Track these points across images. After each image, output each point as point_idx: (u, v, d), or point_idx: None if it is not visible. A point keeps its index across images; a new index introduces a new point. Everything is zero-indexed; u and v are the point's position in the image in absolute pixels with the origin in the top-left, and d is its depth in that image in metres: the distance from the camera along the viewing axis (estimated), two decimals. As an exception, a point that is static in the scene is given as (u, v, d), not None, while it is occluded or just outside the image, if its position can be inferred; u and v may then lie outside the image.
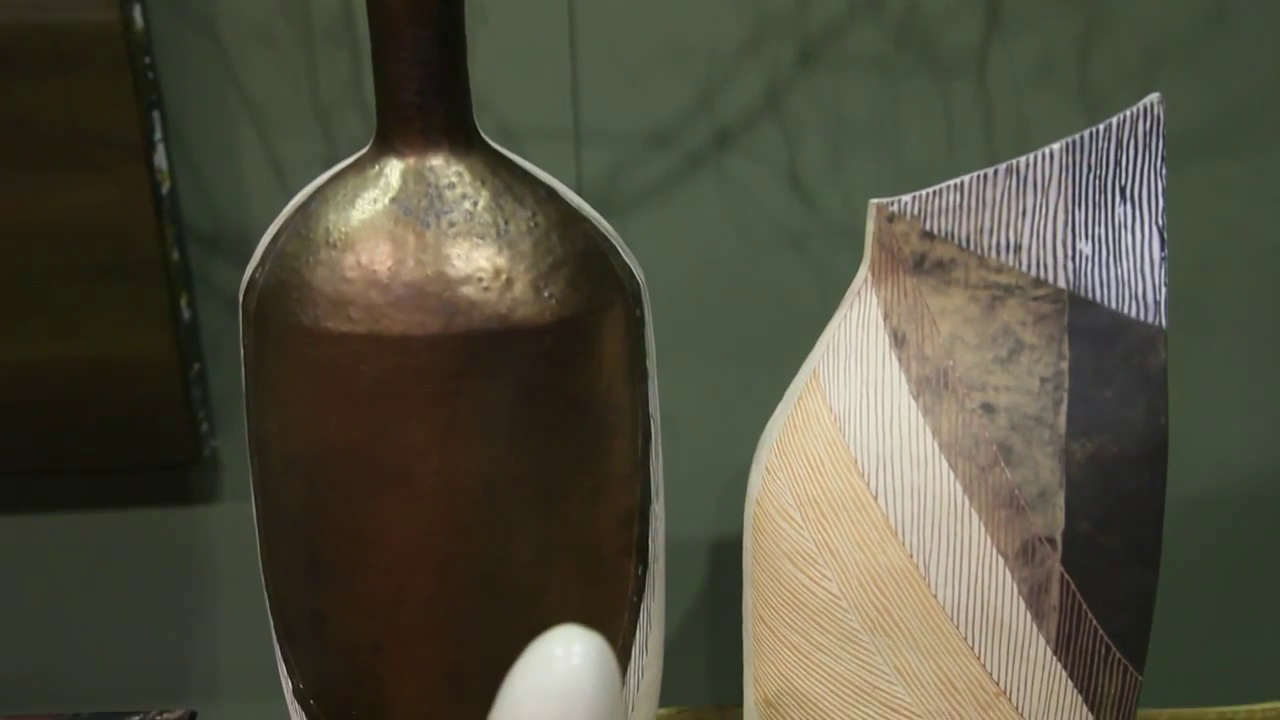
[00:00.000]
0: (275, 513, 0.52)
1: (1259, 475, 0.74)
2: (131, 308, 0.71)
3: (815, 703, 0.51)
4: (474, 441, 0.47)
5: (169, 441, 0.74)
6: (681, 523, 0.75)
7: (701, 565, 0.77)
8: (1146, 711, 0.69)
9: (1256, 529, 0.75)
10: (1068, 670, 0.48)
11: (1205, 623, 0.77)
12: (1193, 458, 0.74)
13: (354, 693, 0.52)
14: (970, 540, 0.47)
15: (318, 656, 0.53)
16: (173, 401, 0.73)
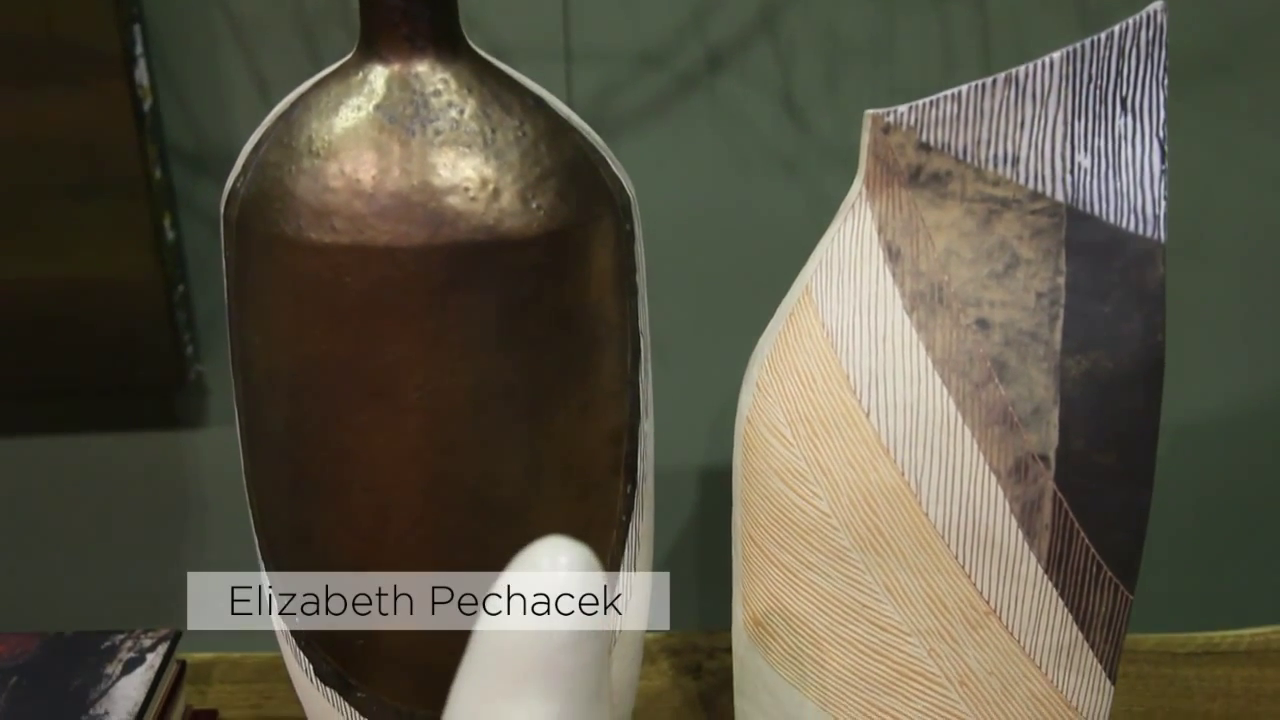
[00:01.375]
0: (259, 430, 0.51)
1: (1251, 402, 0.74)
2: (113, 227, 0.70)
3: (804, 622, 0.50)
4: (460, 355, 0.47)
5: (153, 364, 0.74)
6: (672, 449, 0.74)
7: (692, 492, 0.77)
8: (1133, 636, 0.69)
9: (1246, 456, 0.75)
10: (1058, 589, 0.48)
11: (1193, 550, 0.77)
12: (1186, 384, 0.73)
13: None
14: (962, 458, 0.46)
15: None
16: (157, 323, 0.72)
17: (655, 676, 0.68)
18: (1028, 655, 0.49)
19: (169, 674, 0.57)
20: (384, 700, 0.53)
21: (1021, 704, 0.50)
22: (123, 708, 0.54)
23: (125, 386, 0.75)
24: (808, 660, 0.51)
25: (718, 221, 0.72)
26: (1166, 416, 0.47)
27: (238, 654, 0.70)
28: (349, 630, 0.52)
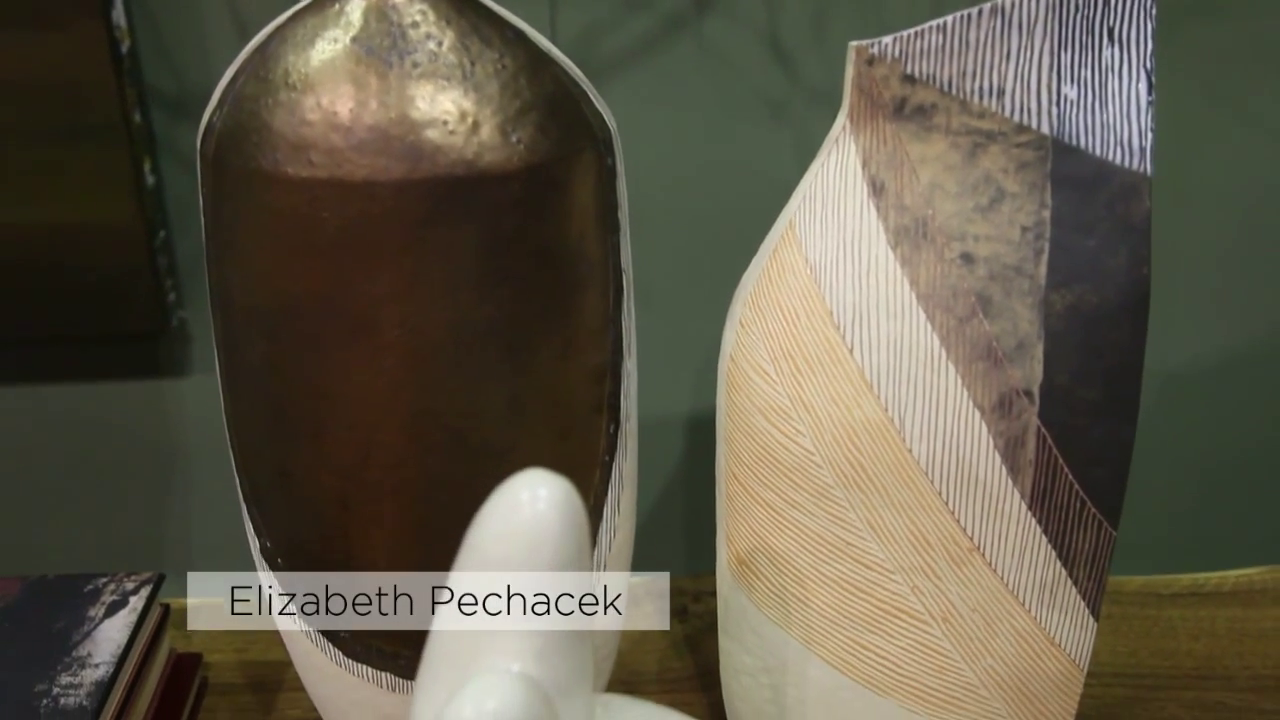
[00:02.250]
0: (239, 368, 0.50)
1: (1235, 345, 0.74)
2: (93, 172, 0.69)
3: (788, 560, 0.50)
4: (441, 292, 0.46)
5: (135, 311, 0.73)
6: (657, 394, 0.74)
7: (678, 437, 0.77)
8: (1118, 579, 0.69)
9: (1230, 400, 0.75)
10: (1042, 525, 0.48)
11: (1178, 493, 0.77)
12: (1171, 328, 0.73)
13: (321, 550, 0.52)
14: (946, 393, 0.46)
15: (284, 515, 0.52)
16: (138, 269, 0.72)
17: (640, 619, 0.68)
18: (1011, 592, 0.49)
19: (152, 617, 0.57)
20: (367, 640, 0.53)
21: (1005, 641, 0.50)
22: (105, 650, 0.53)
23: (107, 334, 0.75)
24: (791, 598, 0.51)
25: (703, 165, 0.72)
26: (1151, 361, 0.47)
27: (222, 599, 0.70)
28: (330, 570, 0.52)
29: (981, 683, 0.51)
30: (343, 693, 0.55)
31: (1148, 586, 0.69)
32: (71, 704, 0.50)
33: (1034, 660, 0.51)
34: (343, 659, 0.54)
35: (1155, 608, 0.67)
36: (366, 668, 0.54)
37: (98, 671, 0.52)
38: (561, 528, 0.36)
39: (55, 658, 0.53)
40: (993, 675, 0.51)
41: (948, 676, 0.51)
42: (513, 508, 0.37)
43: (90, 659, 0.53)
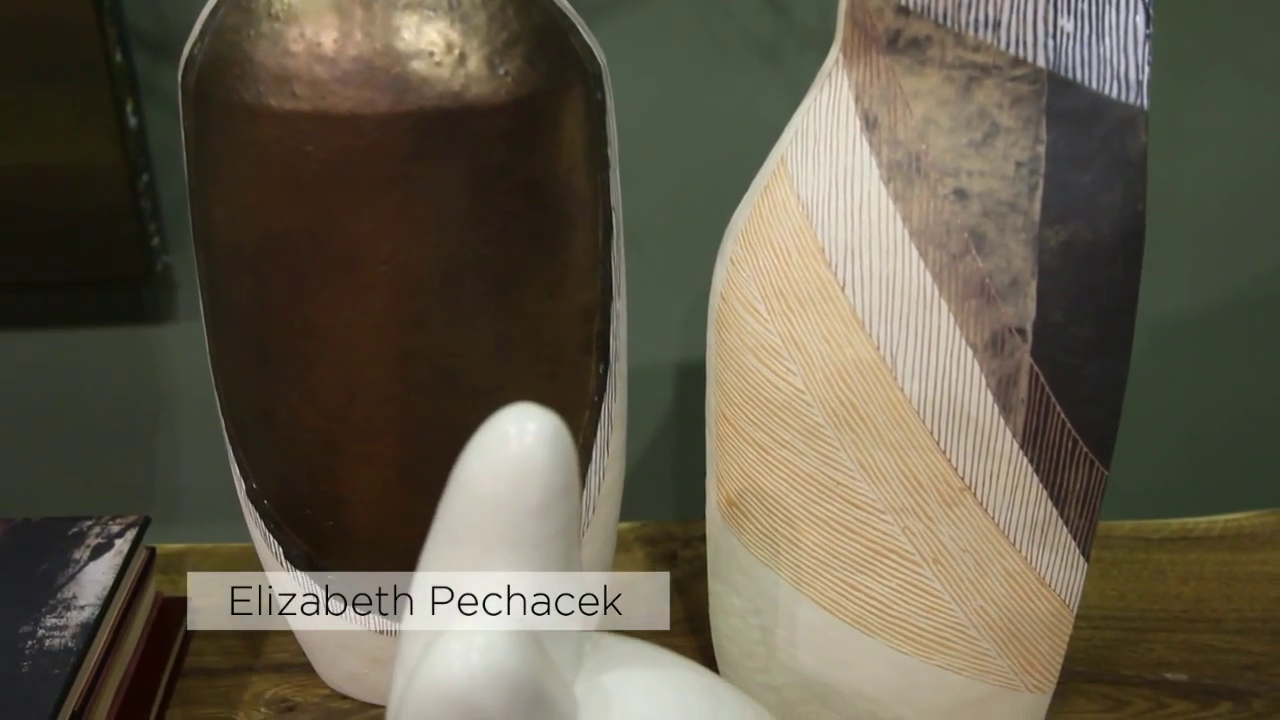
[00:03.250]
0: (223, 307, 0.50)
1: (1227, 293, 0.74)
2: (73, 113, 0.68)
3: (778, 500, 0.50)
4: (427, 228, 0.45)
5: (119, 255, 0.72)
6: (648, 341, 0.73)
7: (667, 383, 0.76)
8: (1107, 523, 0.69)
9: (1221, 348, 0.75)
10: (1034, 464, 0.47)
11: (1168, 439, 0.77)
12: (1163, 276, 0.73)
13: (308, 491, 0.51)
14: (939, 331, 0.46)
15: (270, 456, 0.52)
16: (121, 213, 0.71)
17: (630, 565, 0.68)
18: (1002, 532, 0.49)
19: (138, 560, 0.57)
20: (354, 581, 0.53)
21: (995, 581, 0.50)
22: (91, 592, 0.53)
23: (90, 279, 0.74)
24: (781, 539, 0.51)
25: (693, 108, 0.71)
26: (1142, 308, 0.47)
27: (209, 544, 0.70)
28: (317, 512, 0.51)
29: (971, 623, 0.51)
30: (330, 635, 0.55)
31: (1137, 531, 0.69)
32: (57, 645, 0.50)
33: (1024, 600, 0.50)
34: (330, 601, 0.53)
35: (1144, 552, 0.67)
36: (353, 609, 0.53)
37: (83, 613, 0.52)
38: (549, 463, 0.36)
39: (40, 600, 0.53)
40: (983, 615, 0.51)
41: (937, 617, 0.51)
42: (500, 442, 0.36)
43: (75, 601, 0.53)
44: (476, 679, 0.34)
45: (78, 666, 0.49)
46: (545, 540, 0.36)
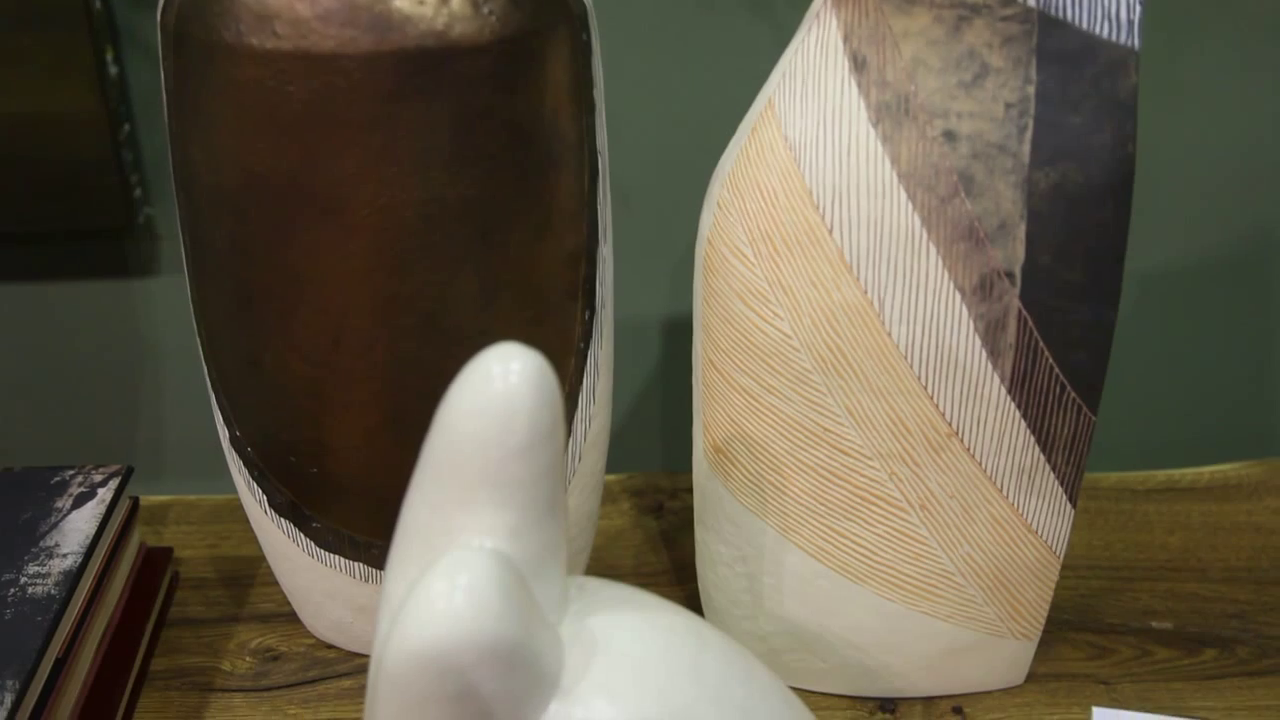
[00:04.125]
0: (204, 252, 0.49)
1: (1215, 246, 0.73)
2: (51, 60, 0.67)
3: (764, 447, 0.50)
4: (411, 170, 0.45)
5: (99, 206, 0.71)
6: (634, 293, 0.73)
7: (654, 337, 0.76)
8: (1094, 475, 0.69)
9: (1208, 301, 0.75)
10: (1021, 410, 0.47)
11: (1155, 391, 0.77)
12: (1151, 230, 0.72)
13: (292, 438, 0.51)
14: (927, 275, 0.45)
15: (254, 402, 0.51)
16: (102, 163, 0.70)
17: (616, 516, 0.68)
18: (989, 478, 0.49)
19: (121, 509, 0.56)
20: (340, 530, 0.52)
21: (982, 527, 0.50)
22: (74, 540, 0.53)
23: (70, 230, 0.73)
24: (768, 486, 0.50)
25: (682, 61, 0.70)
26: (1129, 261, 0.46)
27: (193, 496, 0.70)
28: (301, 459, 0.51)
29: (958, 570, 0.51)
30: (315, 583, 0.55)
31: (1123, 482, 0.69)
32: (40, 593, 0.50)
33: (1011, 547, 0.50)
34: (315, 549, 0.53)
35: (1131, 502, 0.67)
36: (339, 558, 0.53)
37: (65, 561, 0.51)
38: (534, 403, 0.36)
39: (22, 548, 0.52)
40: (970, 562, 0.51)
41: (924, 564, 0.51)
42: (485, 382, 0.36)
43: (58, 549, 0.52)
44: (461, 620, 0.34)
45: (61, 614, 0.49)
46: (530, 481, 0.36)
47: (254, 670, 0.56)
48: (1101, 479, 0.69)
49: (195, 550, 0.65)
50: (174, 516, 0.67)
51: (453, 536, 0.37)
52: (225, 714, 0.54)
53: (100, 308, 0.76)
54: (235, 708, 0.54)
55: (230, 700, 0.55)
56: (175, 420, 0.78)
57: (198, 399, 0.57)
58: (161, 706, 0.54)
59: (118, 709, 0.52)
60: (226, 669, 0.57)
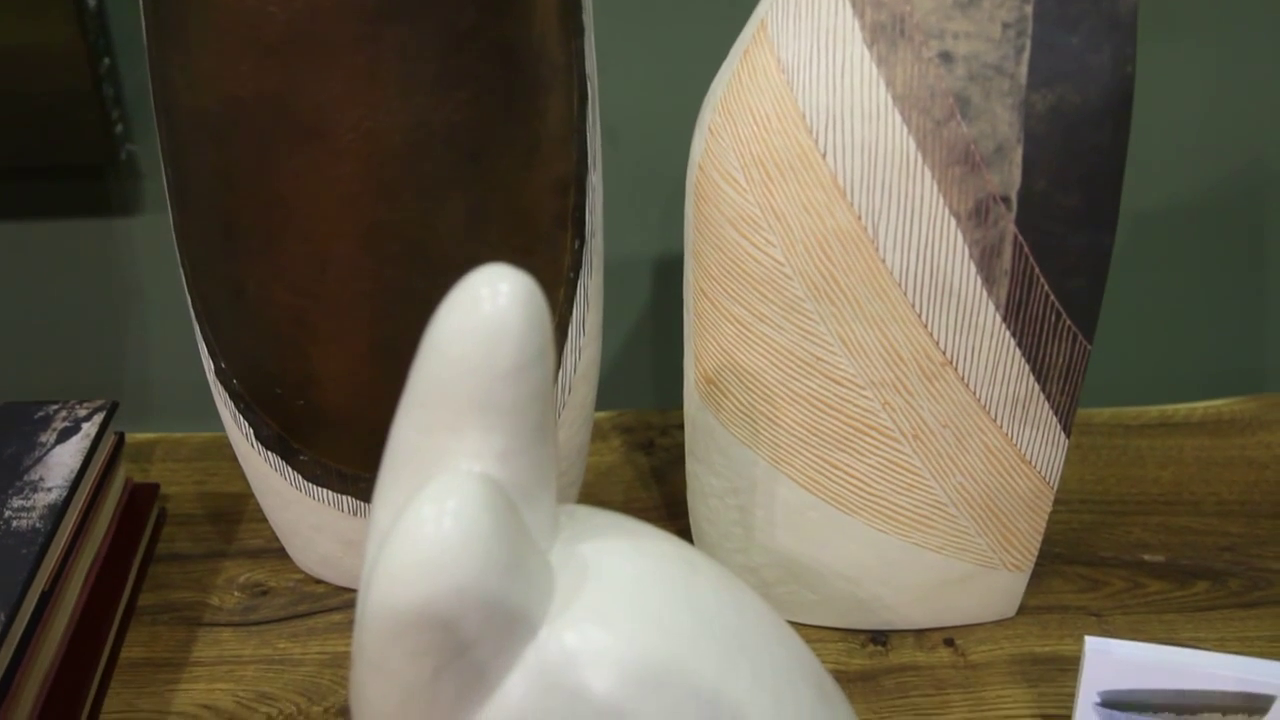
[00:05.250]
0: (187, 180, 0.48)
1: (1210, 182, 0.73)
2: (30, -10, 0.66)
3: (756, 377, 0.49)
4: (396, 93, 0.44)
5: (80, 142, 0.70)
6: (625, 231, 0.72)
7: (646, 273, 0.75)
8: (1087, 410, 0.69)
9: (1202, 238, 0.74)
10: (1016, 338, 0.47)
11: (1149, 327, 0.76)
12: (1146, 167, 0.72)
13: (279, 369, 0.50)
14: (921, 200, 0.45)
15: (238, 333, 0.50)
16: (82, 97, 0.69)
17: (607, 453, 0.67)
18: (983, 407, 0.48)
19: (106, 444, 0.56)
20: (326, 463, 0.52)
21: (975, 457, 0.49)
22: (58, 474, 0.52)
23: (52, 167, 0.72)
24: (760, 417, 0.50)
25: None
26: (1126, 199, 0.46)
27: (180, 434, 0.69)
28: (288, 390, 0.50)
29: (951, 500, 0.50)
30: (303, 517, 0.54)
31: (1117, 418, 0.69)
32: (24, 526, 0.49)
33: (1004, 477, 0.50)
34: (302, 483, 0.53)
35: (1124, 438, 0.67)
36: (327, 491, 0.53)
37: (50, 495, 0.51)
38: (523, 325, 0.35)
39: (6, 481, 0.52)
40: (962, 493, 0.50)
41: (917, 494, 0.50)
42: (472, 303, 0.35)
43: (42, 483, 0.52)
44: (449, 544, 0.33)
45: (46, 547, 0.49)
46: (519, 404, 0.36)
47: (242, 605, 0.56)
48: (1095, 414, 0.69)
49: (183, 487, 0.64)
50: (161, 454, 0.67)
51: (441, 461, 0.36)
52: (214, 648, 0.53)
53: (84, 246, 0.75)
54: (224, 642, 0.54)
55: (219, 634, 0.54)
56: (161, 359, 0.78)
57: (184, 338, 0.57)
58: (150, 640, 0.54)
59: (105, 642, 0.52)
60: (215, 604, 0.56)
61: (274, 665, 0.53)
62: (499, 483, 0.36)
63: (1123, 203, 0.46)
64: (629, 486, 0.65)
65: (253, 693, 0.51)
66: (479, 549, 0.33)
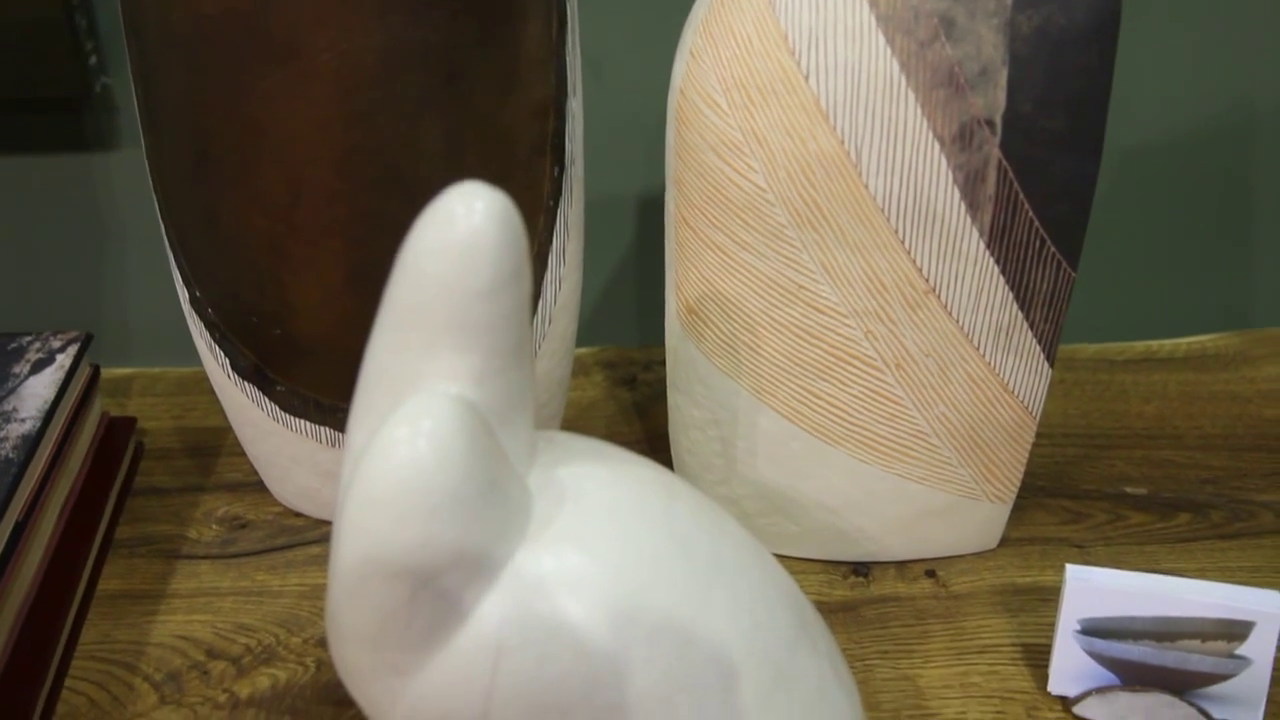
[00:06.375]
0: (158, 102, 0.47)
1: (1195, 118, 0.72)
2: (-1, -85, 0.65)
3: (738, 306, 0.49)
4: (370, 12, 0.43)
5: (53, 74, 0.69)
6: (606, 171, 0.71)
7: (630, 212, 0.75)
8: (1072, 346, 0.69)
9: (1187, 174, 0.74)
10: (1000, 265, 0.46)
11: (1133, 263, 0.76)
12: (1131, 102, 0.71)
13: (254, 298, 0.49)
14: (905, 123, 0.44)
15: (213, 261, 0.50)
16: (54, 27, 0.67)
17: (589, 388, 0.67)
18: (966, 336, 0.48)
19: (81, 376, 0.55)
20: (304, 394, 0.51)
21: (958, 387, 0.49)
22: (32, 405, 0.51)
23: (24, 99, 0.71)
24: (741, 346, 0.49)
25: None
26: (1110, 135, 0.45)
27: (157, 369, 0.68)
28: (264, 320, 0.50)
29: (933, 430, 0.50)
30: (280, 449, 0.54)
31: (1101, 353, 0.68)
32: (-3, 457, 0.49)
33: (987, 407, 0.50)
34: (279, 413, 0.52)
35: (1108, 373, 0.67)
36: (304, 422, 0.52)
37: (24, 426, 0.50)
38: (499, 243, 0.34)
39: (-20, 413, 0.51)
40: (945, 423, 0.50)
41: (899, 424, 0.50)
42: (447, 221, 0.35)
43: (16, 414, 0.51)
44: (423, 465, 0.33)
45: (19, 478, 0.48)
46: (495, 324, 0.35)
47: (221, 538, 0.56)
48: (1079, 350, 0.69)
49: (160, 422, 0.64)
50: (138, 388, 0.66)
51: (416, 383, 0.35)
52: (192, 580, 0.53)
53: (59, 182, 0.74)
54: (202, 574, 0.54)
55: (197, 567, 0.54)
56: (139, 295, 0.77)
57: (161, 274, 0.56)
58: (127, 573, 0.54)
59: (82, 574, 0.52)
60: (193, 537, 0.56)
61: (253, 597, 0.52)
62: (474, 405, 0.35)
63: (1108, 138, 0.45)
64: (611, 421, 0.64)
65: (231, 624, 0.51)
66: (454, 470, 0.33)
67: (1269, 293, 0.76)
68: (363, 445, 0.35)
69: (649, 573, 0.36)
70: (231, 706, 0.47)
